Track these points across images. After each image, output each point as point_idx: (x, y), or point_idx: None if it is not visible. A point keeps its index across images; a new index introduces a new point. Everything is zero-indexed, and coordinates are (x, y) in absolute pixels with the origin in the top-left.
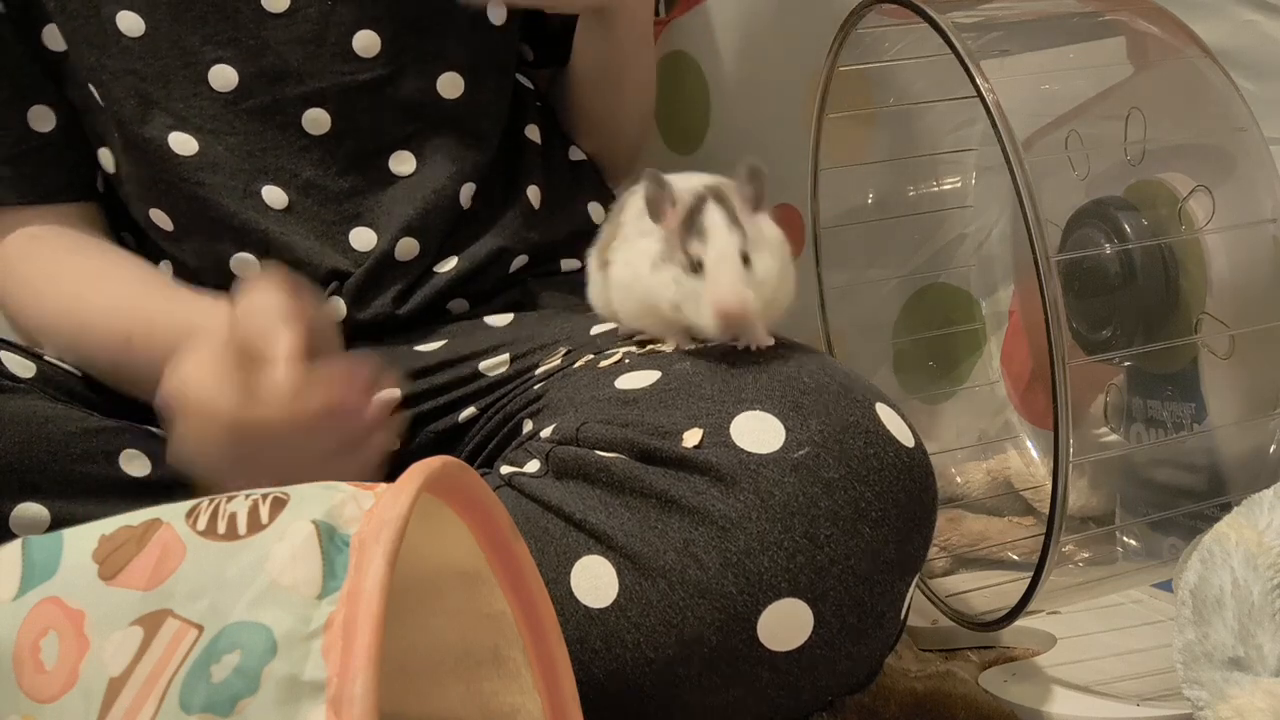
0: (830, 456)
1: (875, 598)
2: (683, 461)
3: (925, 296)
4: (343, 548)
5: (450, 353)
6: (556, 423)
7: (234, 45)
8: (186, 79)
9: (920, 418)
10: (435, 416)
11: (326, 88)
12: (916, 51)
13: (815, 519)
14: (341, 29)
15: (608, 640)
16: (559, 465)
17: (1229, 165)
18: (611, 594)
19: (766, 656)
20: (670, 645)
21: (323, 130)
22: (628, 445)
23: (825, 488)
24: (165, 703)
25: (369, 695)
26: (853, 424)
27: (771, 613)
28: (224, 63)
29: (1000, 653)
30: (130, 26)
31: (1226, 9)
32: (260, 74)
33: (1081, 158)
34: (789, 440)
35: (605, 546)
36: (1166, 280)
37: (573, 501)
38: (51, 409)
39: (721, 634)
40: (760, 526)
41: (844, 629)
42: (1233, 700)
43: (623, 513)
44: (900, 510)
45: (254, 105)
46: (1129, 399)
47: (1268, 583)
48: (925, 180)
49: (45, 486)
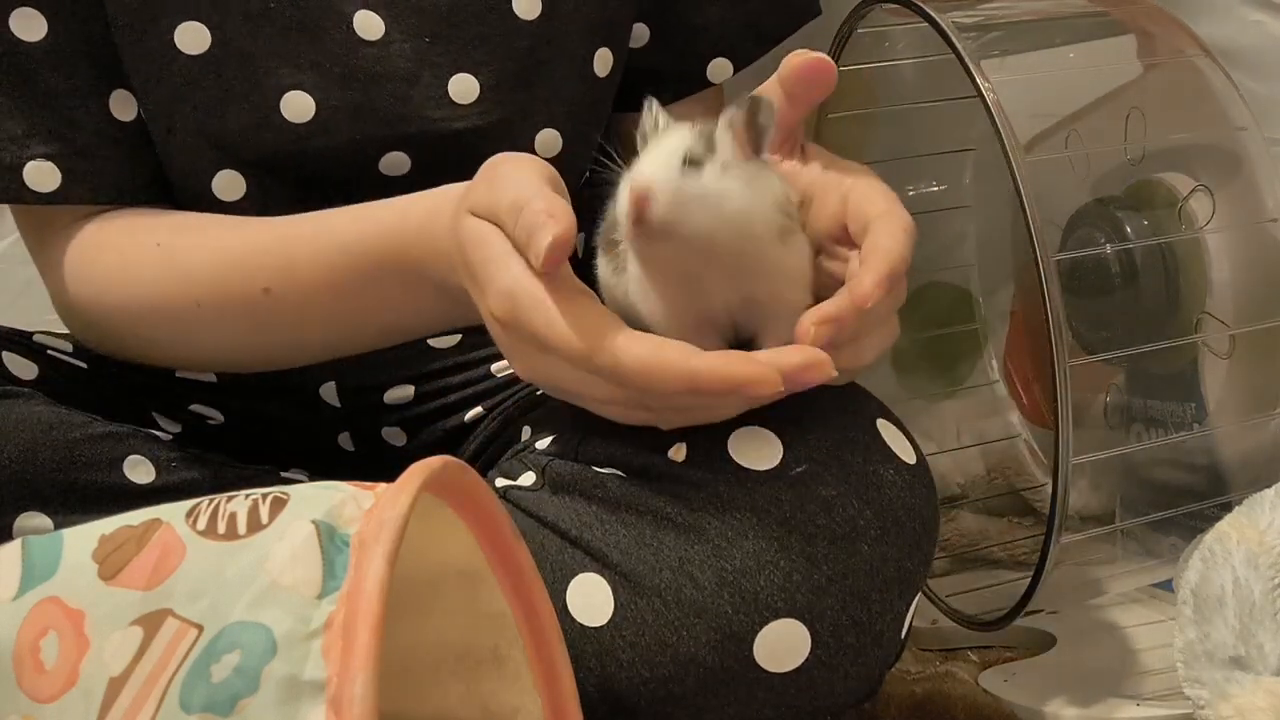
0: (829, 474)
1: (874, 617)
2: (678, 478)
3: (925, 296)
4: (342, 548)
5: (464, 352)
6: (554, 435)
7: (316, 70)
8: (252, 106)
9: (920, 418)
10: (443, 415)
11: (415, 133)
12: (916, 51)
13: (813, 537)
14: (438, 69)
15: (603, 658)
16: (555, 480)
17: (1229, 165)
18: (607, 612)
19: (763, 677)
20: (666, 664)
21: (400, 173)
22: (624, 461)
23: (823, 505)
24: (165, 702)
25: (369, 695)
26: (852, 440)
27: (768, 633)
28: (302, 89)
29: (1000, 653)
30: (191, 42)
31: (1232, 9)
32: (342, 107)
33: (1081, 158)
34: (787, 457)
35: (601, 564)
36: (1166, 280)
37: (569, 517)
38: (54, 414)
39: (717, 654)
40: (757, 545)
41: (842, 649)
42: (1233, 699)
43: (619, 530)
44: (900, 528)
45: (327, 143)
46: (1129, 399)
47: (1269, 582)
48: (925, 180)
49: (49, 496)
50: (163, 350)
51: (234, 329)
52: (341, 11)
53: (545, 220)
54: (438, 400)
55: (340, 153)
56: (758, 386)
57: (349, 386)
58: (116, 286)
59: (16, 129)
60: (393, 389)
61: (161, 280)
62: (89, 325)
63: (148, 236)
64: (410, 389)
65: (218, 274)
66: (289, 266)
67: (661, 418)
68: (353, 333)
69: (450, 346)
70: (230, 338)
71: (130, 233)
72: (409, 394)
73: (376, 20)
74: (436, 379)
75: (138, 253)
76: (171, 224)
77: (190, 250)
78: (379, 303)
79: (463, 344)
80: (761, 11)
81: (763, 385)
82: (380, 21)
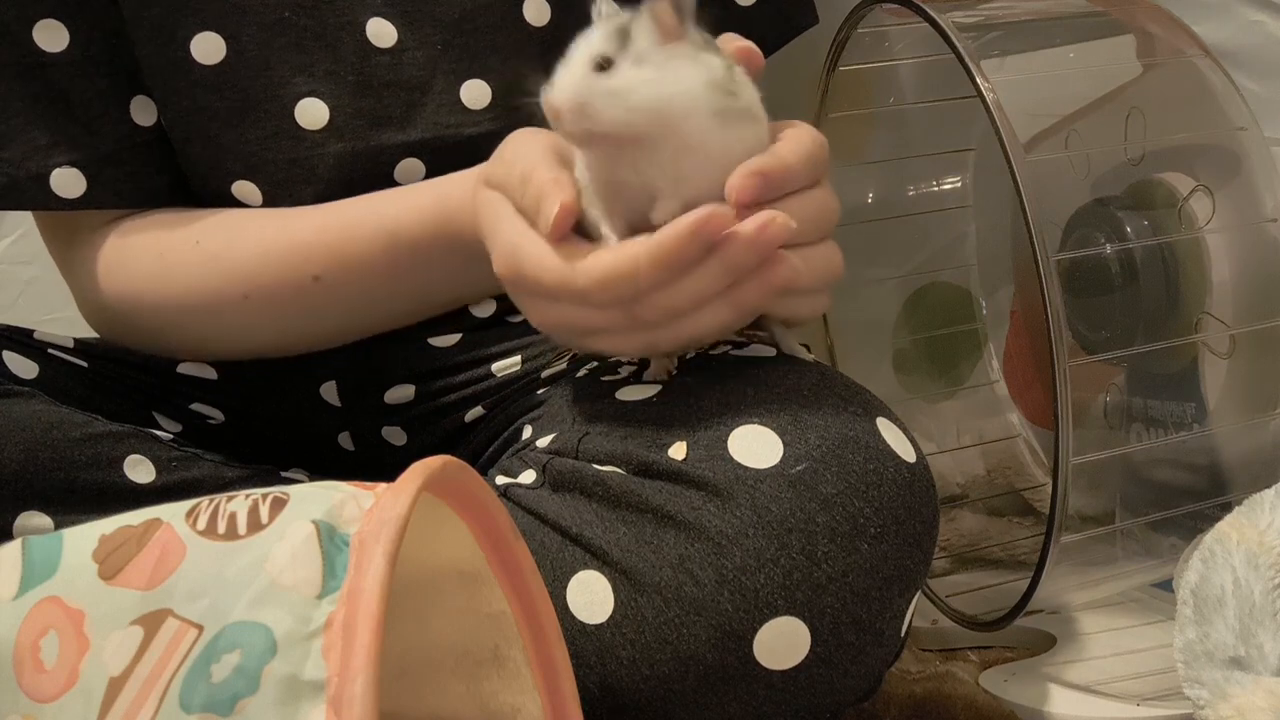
0: (829, 472)
1: (874, 615)
2: (678, 476)
3: (925, 296)
4: (343, 547)
5: (465, 351)
6: (555, 432)
7: (331, 79)
8: (268, 114)
9: (920, 418)
10: (443, 415)
11: (429, 139)
12: (916, 51)
13: (813, 535)
14: (450, 76)
15: (603, 656)
16: (555, 478)
17: (1229, 165)
18: (607, 610)
19: (763, 674)
20: (665, 662)
21: (415, 179)
22: (625, 459)
23: (823, 503)
24: (165, 702)
25: (369, 695)
26: (852, 439)
27: (768, 630)
28: (316, 96)
29: (1000, 653)
30: (207, 52)
31: (1232, 9)
32: (356, 114)
33: (1082, 158)
34: (787, 455)
35: (601, 562)
36: (1167, 280)
37: (569, 515)
38: (55, 414)
39: (717, 651)
40: (757, 543)
41: (842, 647)
42: (1233, 699)
43: (619, 527)
44: (900, 526)
45: (343, 150)
46: (1129, 399)
47: (1269, 582)
48: (925, 180)
49: (50, 495)
50: (207, 344)
51: (284, 316)
52: (355, 20)
53: (551, 189)
54: (438, 400)
55: (355, 159)
56: (714, 220)
57: (350, 387)
58: (158, 285)
59: (41, 138)
60: (393, 389)
61: (207, 278)
62: (120, 323)
63: (185, 235)
64: (411, 389)
65: (264, 267)
66: (339, 253)
67: (658, 335)
68: (406, 305)
69: (451, 346)
70: (280, 325)
71: (168, 232)
72: (410, 394)
73: (389, 28)
74: (437, 379)
75: (177, 253)
76: (208, 223)
77: (231, 245)
78: (429, 276)
79: (463, 343)
80: (759, 20)
81: (719, 218)
82: (393, 29)
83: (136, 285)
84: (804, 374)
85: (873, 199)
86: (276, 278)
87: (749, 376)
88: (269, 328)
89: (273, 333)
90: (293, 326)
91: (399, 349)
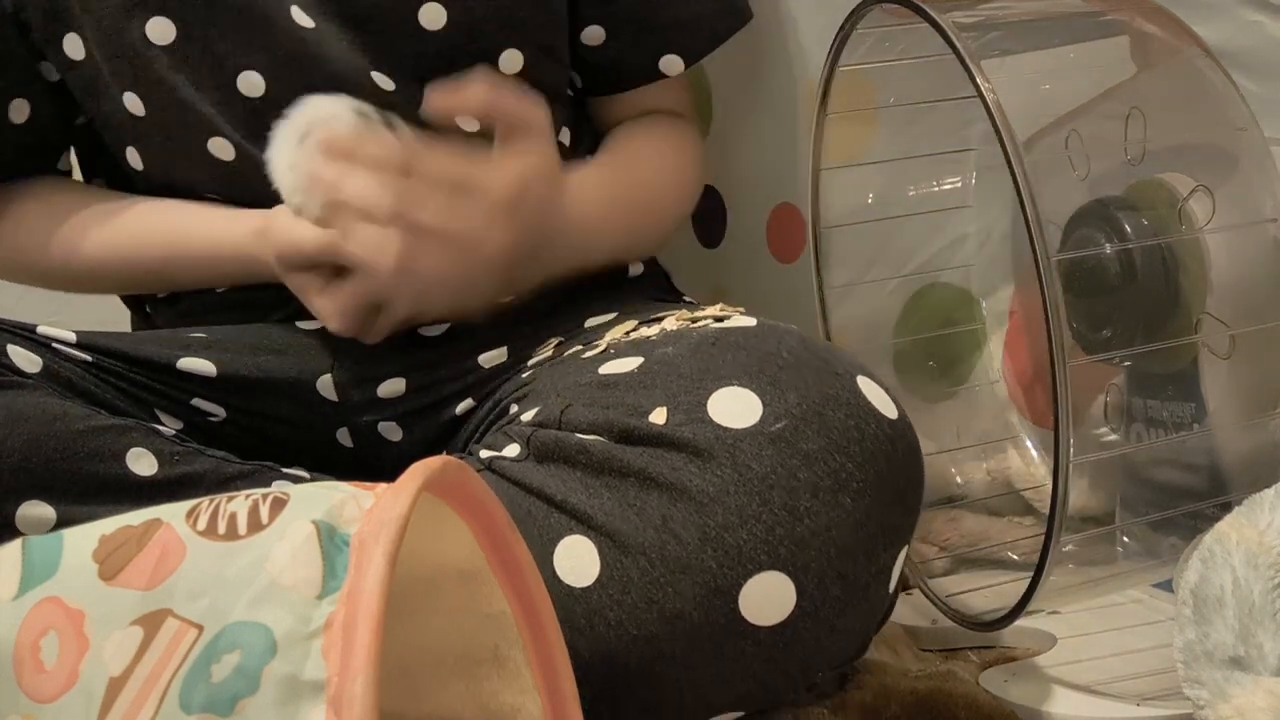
0: (809, 429)
1: (859, 570)
2: (659, 439)
3: (925, 296)
4: (343, 547)
5: (451, 342)
6: (538, 407)
7: (265, 53)
8: (217, 84)
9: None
10: (435, 409)
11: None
12: (917, 51)
13: (794, 491)
14: (360, 64)
15: (591, 618)
16: (539, 449)
17: (1230, 165)
18: (593, 573)
19: (750, 631)
20: (653, 622)
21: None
22: (607, 427)
23: (804, 460)
24: (165, 702)
25: (369, 695)
26: (832, 396)
27: (753, 586)
28: (254, 69)
29: (1000, 653)
30: (161, 34)
31: (1231, 10)
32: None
33: (1081, 158)
34: (766, 414)
35: (586, 526)
36: (1167, 280)
37: (553, 484)
38: (59, 406)
39: (703, 609)
40: (738, 500)
41: (828, 601)
42: (1233, 700)
43: (603, 493)
44: (883, 481)
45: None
46: (1129, 399)
47: (1268, 582)
48: (925, 180)
49: (53, 486)
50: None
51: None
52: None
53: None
54: (430, 394)
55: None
56: None
57: (344, 380)
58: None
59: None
60: (386, 382)
61: (68, 260)
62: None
63: (64, 222)
64: (402, 382)
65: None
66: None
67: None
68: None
69: (439, 335)
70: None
71: (49, 213)
72: (401, 388)
73: (305, 15)
74: (426, 370)
75: (50, 233)
76: (79, 216)
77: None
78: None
79: (450, 333)
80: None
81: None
82: (309, 17)
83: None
84: (784, 339)
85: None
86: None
87: (728, 343)
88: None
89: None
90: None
91: (389, 339)
